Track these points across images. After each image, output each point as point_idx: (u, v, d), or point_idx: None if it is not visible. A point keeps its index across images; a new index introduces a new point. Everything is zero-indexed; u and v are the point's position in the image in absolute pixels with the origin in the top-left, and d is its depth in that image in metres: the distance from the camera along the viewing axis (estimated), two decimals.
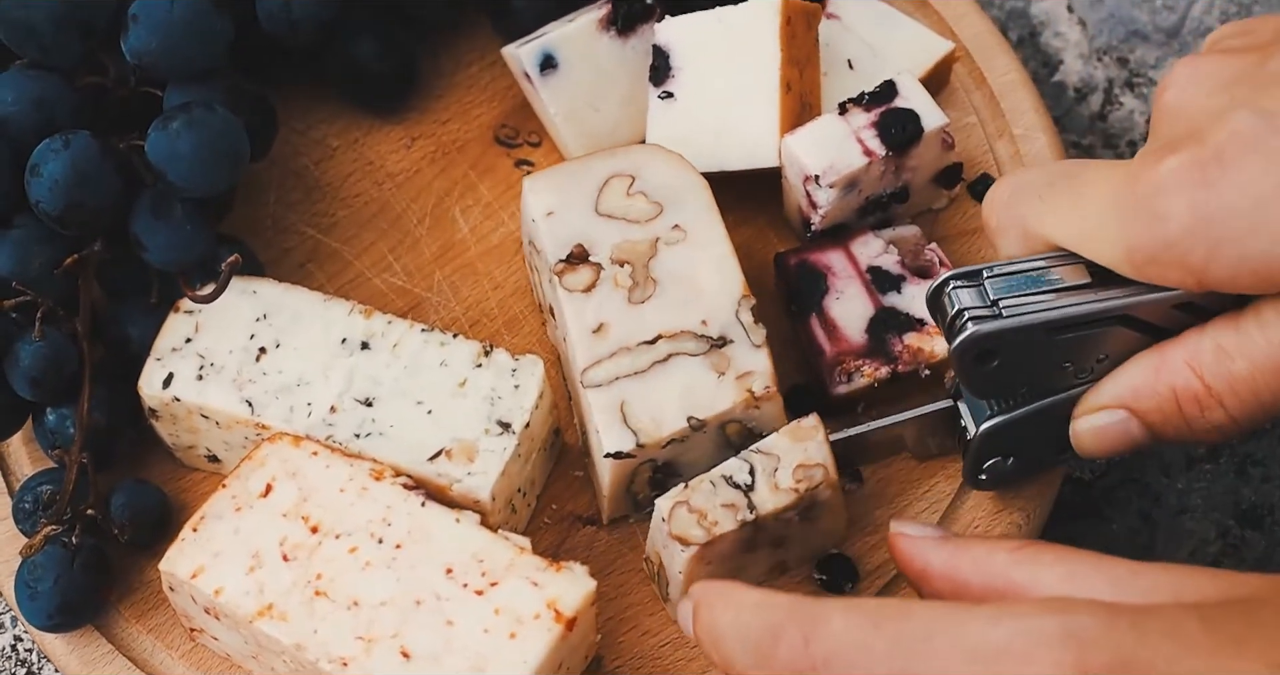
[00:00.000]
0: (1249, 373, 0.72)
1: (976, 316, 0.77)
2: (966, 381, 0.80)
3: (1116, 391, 0.77)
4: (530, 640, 0.80)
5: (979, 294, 0.77)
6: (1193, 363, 0.74)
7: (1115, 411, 0.77)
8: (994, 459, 0.84)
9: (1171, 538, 0.95)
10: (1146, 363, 0.76)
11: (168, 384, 0.89)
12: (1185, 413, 0.75)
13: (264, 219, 1.00)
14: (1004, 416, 0.82)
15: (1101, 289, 0.76)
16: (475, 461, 0.86)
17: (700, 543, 0.83)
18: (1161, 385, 0.75)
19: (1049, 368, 0.79)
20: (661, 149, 0.91)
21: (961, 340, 0.77)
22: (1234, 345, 0.73)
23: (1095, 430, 0.78)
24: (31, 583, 0.87)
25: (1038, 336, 0.77)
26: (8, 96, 0.88)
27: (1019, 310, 0.76)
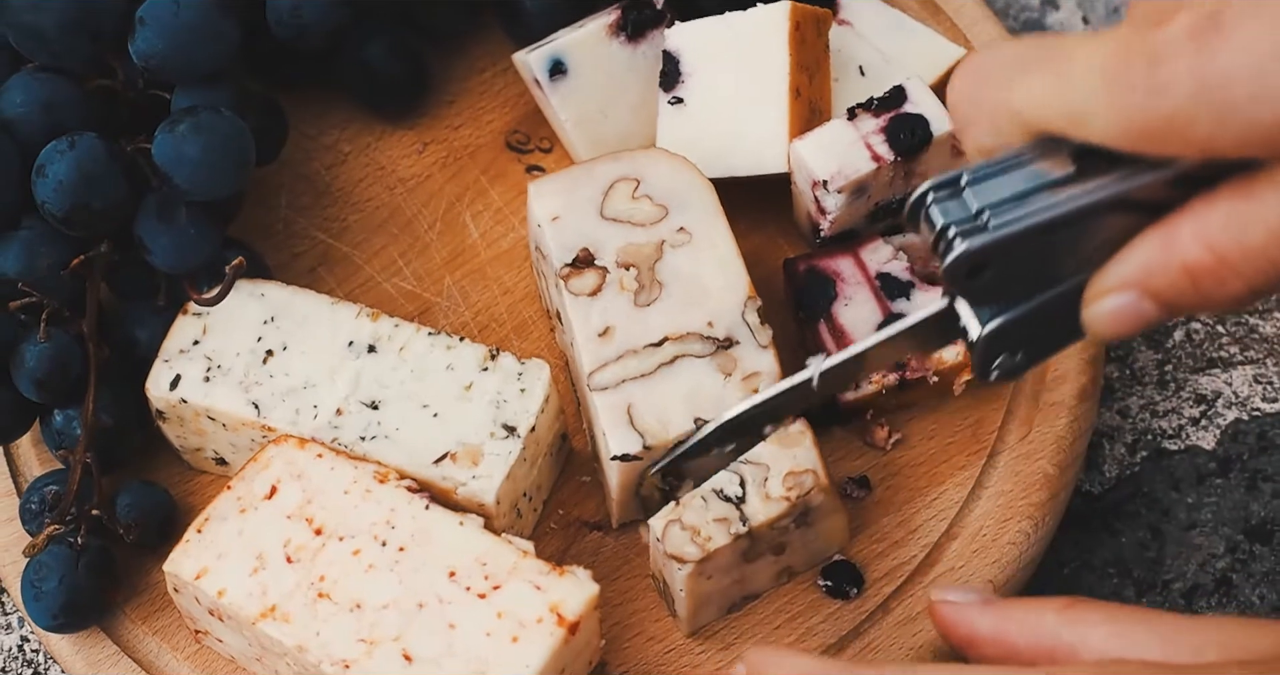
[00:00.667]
0: (1265, 240, 0.67)
1: (964, 231, 0.71)
2: (963, 294, 0.76)
3: (1125, 273, 0.72)
4: (532, 644, 0.80)
5: (961, 205, 0.72)
6: (1204, 236, 0.69)
7: (1127, 293, 0.72)
8: (1002, 355, 0.78)
9: (1180, 552, 0.94)
10: (1154, 241, 0.70)
11: (175, 386, 0.89)
12: (1200, 288, 0.70)
13: (275, 223, 1.01)
14: (1006, 316, 0.76)
15: (1091, 177, 0.71)
16: (480, 465, 0.86)
17: (695, 560, 0.82)
18: (1172, 262, 0.70)
19: (1047, 264, 0.74)
20: (666, 152, 0.91)
21: (951, 260, 0.72)
22: (1248, 213, 0.67)
23: (1108, 315, 0.73)
24: (36, 582, 0.87)
25: (1030, 241, 0.72)
26: (16, 99, 0.89)
27: (1008, 219, 0.71)
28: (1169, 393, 0.99)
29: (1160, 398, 0.99)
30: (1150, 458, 0.97)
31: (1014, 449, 0.91)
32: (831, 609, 0.88)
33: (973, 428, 0.92)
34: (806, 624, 0.88)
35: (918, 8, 1.04)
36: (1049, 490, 0.90)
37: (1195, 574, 0.93)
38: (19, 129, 0.89)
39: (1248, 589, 0.93)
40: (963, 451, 0.92)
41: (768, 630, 0.88)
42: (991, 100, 0.72)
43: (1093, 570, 0.94)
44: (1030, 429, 0.92)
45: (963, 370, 0.91)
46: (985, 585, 0.88)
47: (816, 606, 0.88)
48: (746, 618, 0.88)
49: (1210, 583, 0.93)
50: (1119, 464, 0.97)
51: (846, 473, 0.91)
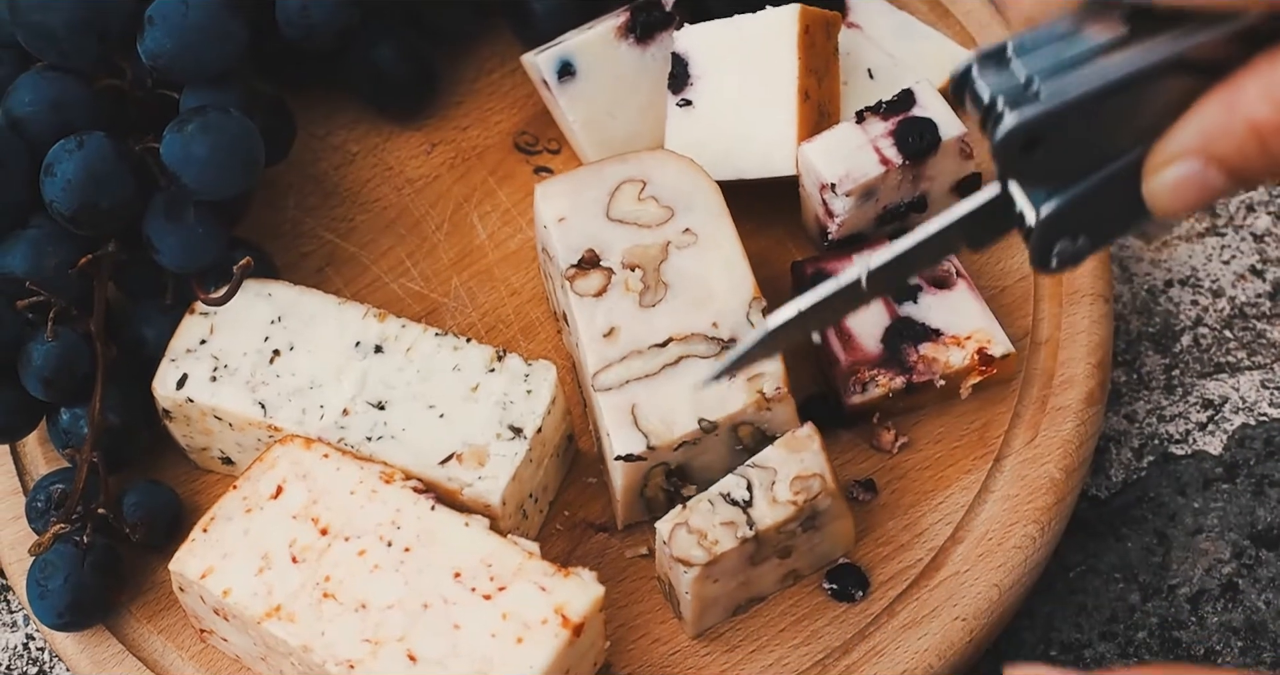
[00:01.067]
0: None
1: (1014, 102, 0.66)
2: (1015, 175, 0.71)
3: (1187, 140, 0.67)
4: (537, 645, 0.80)
5: (1009, 75, 0.67)
6: (1271, 91, 0.64)
7: (1189, 161, 0.67)
8: (1062, 241, 0.73)
9: (1187, 557, 0.94)
10: (1218, 102, 0.66)
11: (181, 385, 0.89)
12: (1269, 149, 0.65)
13: (283, 223, 1.01)
14: (1064, 196, 0.71)
15: (1145, 38, 0.66)
16: (486, 466, 0.86)
17: (702, 563, 0.82)
18: (1237, 123, 0.65)
19: (1103, 136, 0.69)
20: (672, 154, 0.91)
21: (1003, 134, 0.67)
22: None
23: (1171, 186, 0.69)
24: (42, 581, 0.87)
25: (1085, 109, 0.67)
26: (25, 98, 0.89)
27: (1060, 86, 0.66)
28: (1176, 397, 0.98)
29: (1167, 402, 0.98)
30: (1157, 462, 0.97)
31: (1020, 453, 0.91)
32: (837, 612, 0.88)
33: (979, 431, 0.92)
34: (812, 627, 0.88)
35: (927, 11, 1.04)
36: (1055, 495, 0.90)
37: (1201, 579, 0.93)
38: (28, 128, 0.89)
39: (1254, 594, 0.93)
40: (969, 455, 0.92)
41: (773, 633, 0.88)
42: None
43: (1099, 575, 0.94)
44: (1037, 433, 0.92)
45: (970, 374, 0.91)
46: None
47: (822, 609, 0.88)
48: (752, 620, 0.88)
49: (1216, 588, 0.93)
50: (1125, 469, 0.97)
51: (853, 476, 0.91)
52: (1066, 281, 0.95)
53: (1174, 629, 0.92)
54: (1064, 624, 0.92)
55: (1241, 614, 0.92)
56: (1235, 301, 1.01)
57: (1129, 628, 0.92)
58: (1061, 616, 0.93)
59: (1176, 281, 1.02)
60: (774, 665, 0.87)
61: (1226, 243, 1.03)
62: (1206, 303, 1.02)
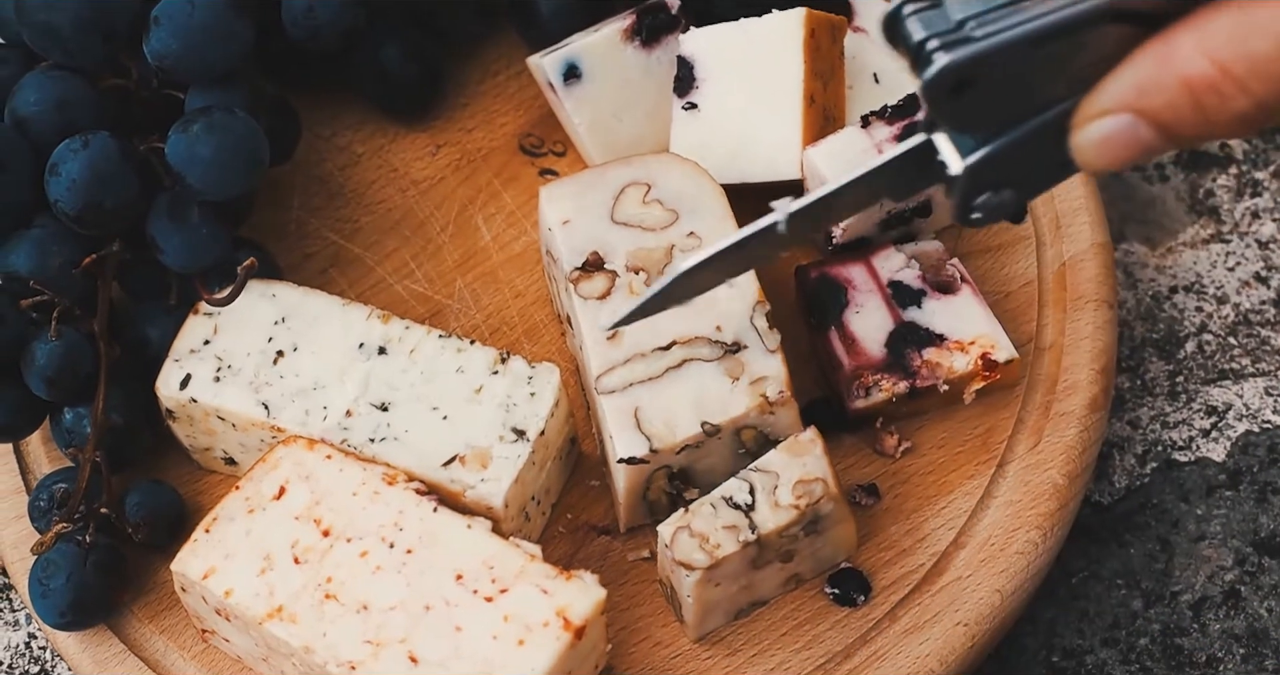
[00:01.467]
0: (1274, 49, 0.61)
1: (946, 43, 0.65)
2: (943, 117, 0.69)
3: (1119, 92, 0.65)
4: (538, 648, 0.80)
5: (942, 15, 0.65)
6: (1207, 46, 0.63)
7: (1120, 116, 0.66)
8: (985, 194, 0.71)
9: (1189, 564, 0.94)
10: (1151, 54, 0.64)
11: (185, 385, 0.89)
12: (1203, 105, 0.63)
13: (287, 224, 1.01)
14: (990, 146, 0.69)
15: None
16: (489, 468, 0.85)
17: (703, 567, 0.82)
18: (1171, 77, 0.63)
19: (1034, 84, 0.67)
20: (678, 157, 0.91)
21: (931, 74, 0.65)
22: (1256, 20, 0.62)
23: (1100, 140, 0.67)
24: (44, 580, 0.87)
25: (1017, 54, 0.65)
26: (31, 97, 0.89)
27: (992, 28, 0.65)
28: (1180, 404, 0.98)
29: (1171, 409, 0.98)
30: (1160, 469, 0.97)
31: (1023, 459, 0.91)
32: (839, 616, 0.88)
33: (983, 437, 0.92)
34: (814, 631, 0.88)
35: None
36: (1058, 500, 0.90)
37: (1204, 586, 0.93)
38: (32, 127, 0.89)
39: (1256, 601, 0.92)
40: (972, 460, 0.91)
41: (775, 637, 0.87)
42: None
43: (1101, 581, 0.94)
44: (1040, 439, 0.91)
45: (974, 379, 0.90)
46: (994, 595, 0.87)
47: (824, 614, 0.88)
48: (754, 624, 0.88)
49: (1219, 595, 0.93)
50: (1129, 475, 0.97)
51: (856, 480, 0.91)
52: (1071, 287, 0.95)
53: (1176, 636, 0.92)
54: (1066, 630, 0.92)
55: (1244, 621, 0.92)
56: (1240, 308, 1.01)
57: (1131, 634, 0.92)
58: (1064, 622, 0.93)
59: (1181, 288, 1.02)
60: (775, 669, 0.87)
61: (1231, 249, 1.03)
62: (1211, 309, 1.01)
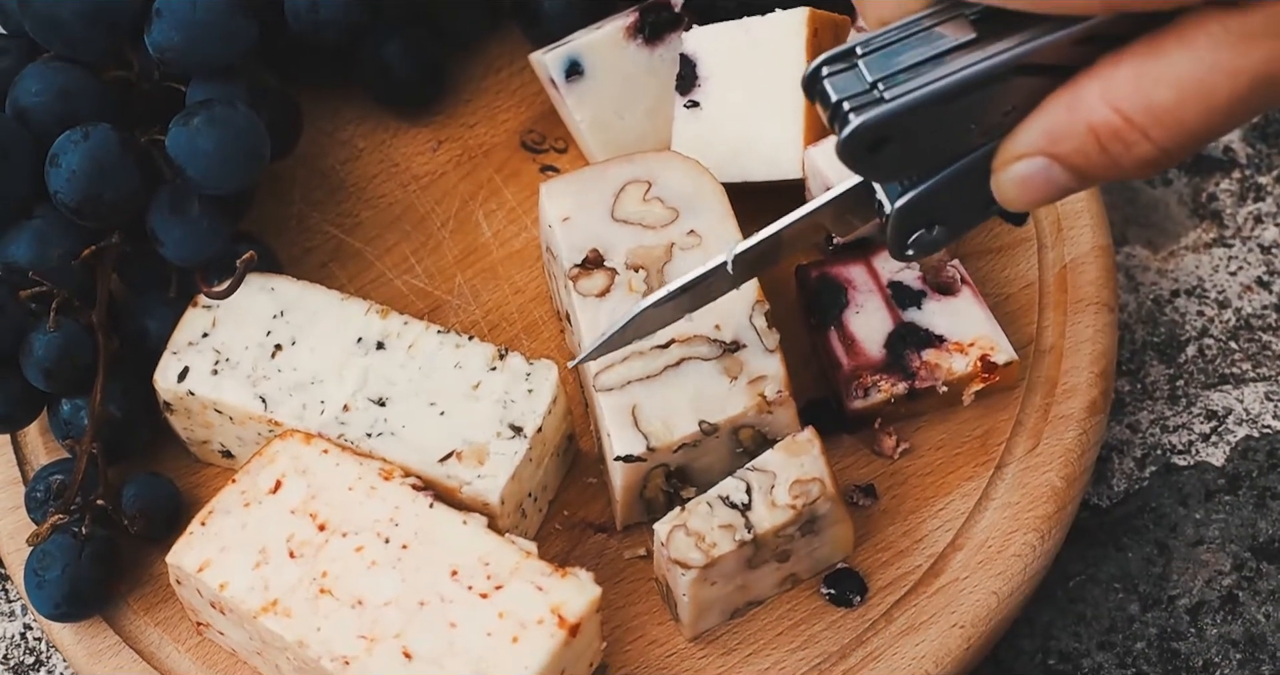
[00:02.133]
0: (1175, 101, 0.65)
1: (858, 105, 0.67)
2: (864, 172, 0.72)
3: (1032, 138, 0.69)
4: (533, 645, 0.80)
5: (856, 77, 0.68)
6: (1110, 96, 0.66)
7: (1034, 159, 0.69)
8: (918, 232, 0.75)
9: (1187, 568, 0.94)
10: (1061, 103, 0.67)
11: (183, 378, 0.89)
12: (1109, 151, 0.67)
13: (288, 218, 1.01)
14: (916, 190, 0.72)
15: (991, 40, 0.67)
16: (486, 464, 0.85)
17: (699, 566, 0.82)
18: (1078, 125, 0.67)
19: (951, 134, 0.70)
20: (679, 155, 0.91)
21: (847, 135, 0.67)
22: (1156, 71, 0.65)
23: (1018, 182, 0.70)
24: (40, 571, 0.87)
25: (929, 111, 0.68)
26: (32, 88, 0.89)
27: (904, 89, 0.67)
28: (1180, 408, 0.98)
29: (1171, 413, 0.98)
30: (1159, 473, 0.96)
31: (1022, 461, 0.91)
32: (835, 617, 0.88)
33: (981, 439, 0.92)
34: (809, 631, 0.87)
35: None
36: (1056, 503, 0.90)
37: (1201, 590, 0.93)
38: (33, 118, 0.89)
39: (1254, 607, 0.92)
40: (970, 462, 0.91)
41: (770, 636, 0.87)
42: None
43: (1098, 584, 0.93)
44: (1039, 441, 0.91)
45: (973, 380, 0.90)
46: (990, 597, 0.87)
47: (819, 614, 0.88)
48: (749, 623, 0.88)
49: (1216, 600, 0.93)
50: (1128, 478, 0.96)
51: (853, 481, 0.91)
52: (1071, 290, 0.95)
53: (1173, 640, 0.92)
54: (1062, 633, 0.92)
55: (1241, 626, 0.92)
56: (1241, 313, 1.01)
57: (1128, 638, 0.92)
58: (1060, 625, 0.92)
59: (1183, 291, 1.02)
60: (770, 669, 0.87)
61: (1234, 254, 1.03)
62: (1212, 313, 1.01)
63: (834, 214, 0.78)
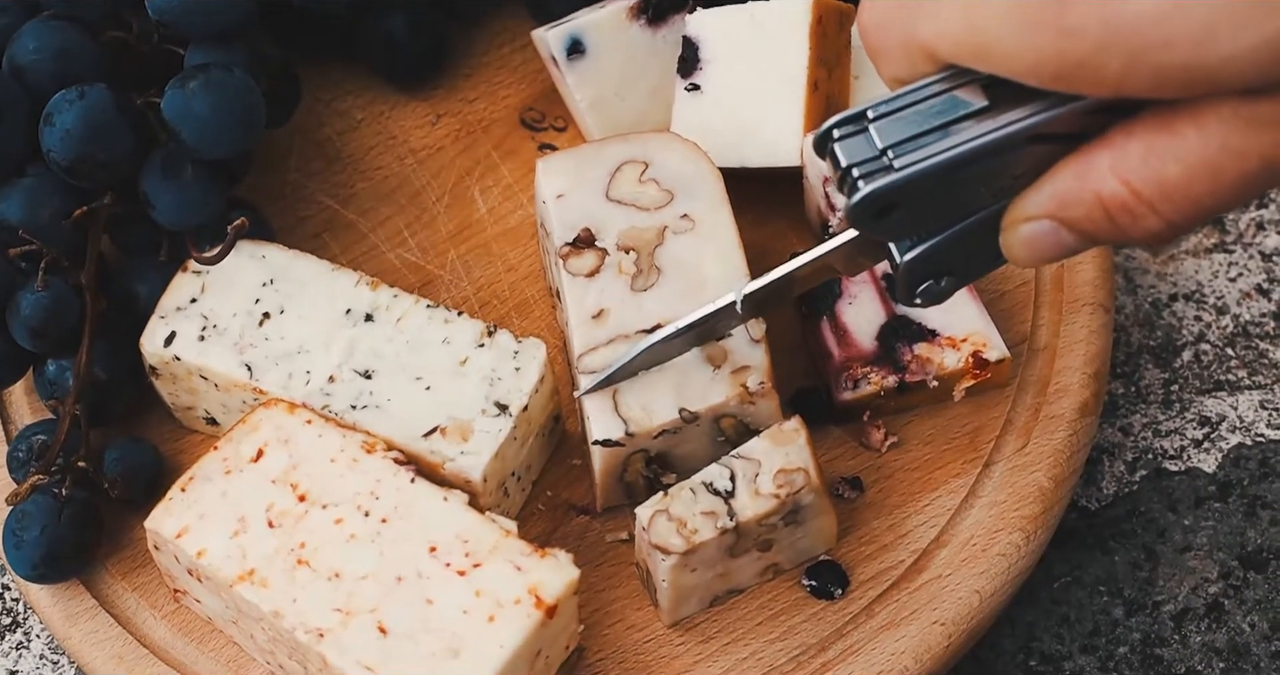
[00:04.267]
0: (1184, 178, 0.65)
1: (867, 173, 0.67)
2: (871, 234, 0.73)
3: (1041, 203, 0.69)
4: (509, 625, 0.79)
5: (866, 142, 0.68)
6: (1120, 169, 0.66)
7: (1042, 222, 0.70)
8: (926, 283, 0.75)
9: (1173, 574, 0.93)
10: (1071, 171, 0.68)
11: (169, 342, 0.88)
12: (1116, 222, 0.68)
13: (283, 186, 1.00)
14: (925, 245, 0.73)
15: (1003, 109, 0.67)
16: (469, 441, 0.85)
17: (680, 551, 0.82)
18: (1087, 194, 0.67)
19: (960, 199, 0.71)
20: (677, 137, 0.90)
21: (853, 202, 0.68)
22: (1166, 148, 0.65)
23: (1025, 242, 0.71)
24: (18, 531, 0.86)
25: (938, 179, 0.68)
26: (29, 45, 0.88)
27: (914, 158, 0.67)
28: (1173, 413, 0.98)
29: (1164, 417, 0.97)
30: (1150, 477, 0.96)
31: (1010, 459, 0.90)
32: (815, 609, 0.87)
33: (970, 435, 0.91)
34: (789, 623, 0.87)
35: None
36: (1043, 504, 0.89)
37: (1187, 597, 0.92)
38: (30, 76, 0.88)
39: (1239, 616, 0.92)
40: (958, 459, 0.91)
41: (749, 626, 0.87)
42: (901, 31, 0.68)
43: (1083, 586, 0.93)
44: (1028, 440, 0.91)
45: (964, 377, 0.90)
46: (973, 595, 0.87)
47: (800, 605, 0.87)
48: (729, 612, 0.87)
49: (1201, 607, 0.92)
50: (1118, 481, 0.96)
51: (840, 472, 0.90)
52: (1068, 290, 0.94)
53: (1156, 646, 0.91)
54: (1045, 634, 0.92)
55: (1225, 635, 0.91)
56: (1239, 319, 1.00)
57: (1110, 642, 0.91)
58: (1043, 626, 0.92)
59: (1181, 296, 1.01)
60: (748, 659, 0.86)
61: (1234, 260, 1.02)
62: (1210, 319, 1.01)
63: (845, 257, 0.78)
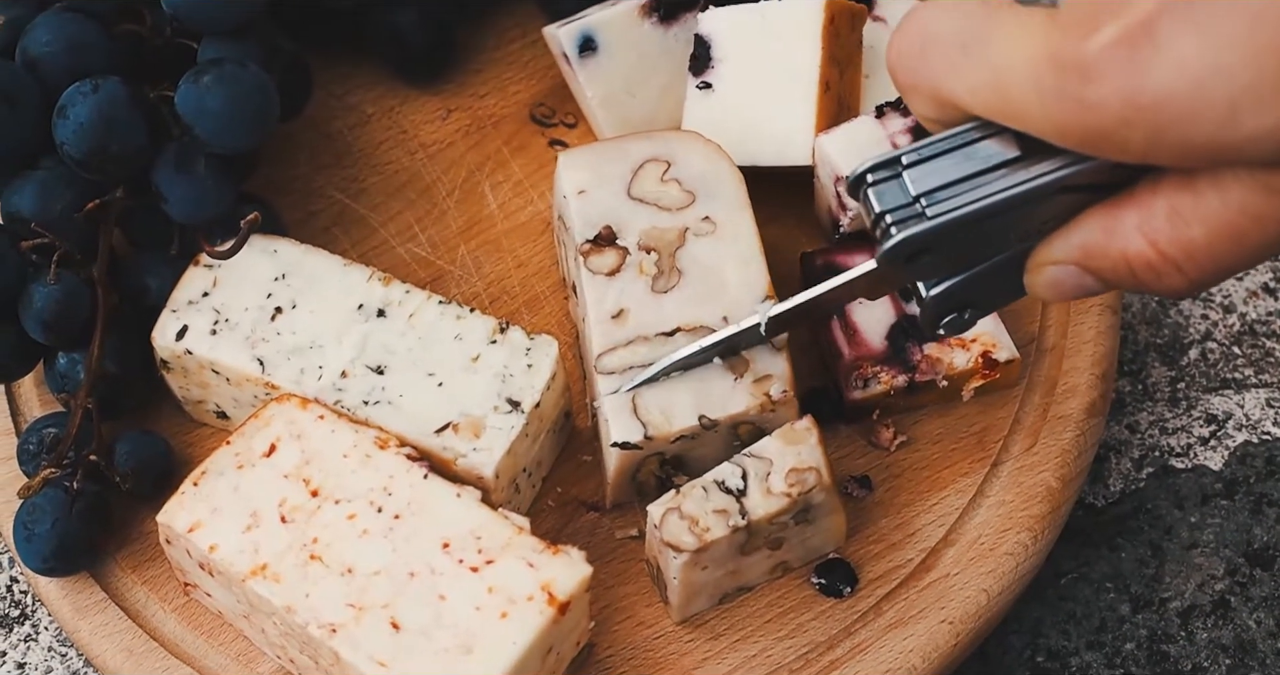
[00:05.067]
0: (1207, 239, 0.66)
1: (900, 220, 0.70)
2: (902, 277, 0.75)
3: (1067, 250, 0.71)
4: (521, 621, 0.80)
5: (900, 189, 0.70)
6: (1146, 229, 0.68)
7: (1068, 267, 0.72)
8: (950, 316, 0.77)
9: (1180, 571, 0.93)
10: (1098, 223, 0.70)
11: (181, 336, 0.88)
12: (1139, 277, 0.69)
13: (293, 180, 1.00)
14: (951, 281, 0.75)
15: (1035, 160, 0.69)
16: (481, 437, 0.85)
17: (691, 549, 0.82)
18: (1114, 250, 0.69)
19: (989, 243, 0.72)
20: (701, 137, 0.90)
21: (887, 248, 0.70)
22: (1190, 210, 0.66)
23: (1050, 283, 0.73)
24: (29, 524, 0.86)
25: (968, 226, 0.70)
26: (43, 37, 0.88)
27: (946, 206, 0.69)
28: (1180, 411, 0.98)
29: (1171, 415, 0.98)
30: (1156, 474, 0.96)
31: (1018, 459, 0.91)
32: (824, 607, 0.88)
33: (979, 435, 0.91)
34: (797, 620, 0.87)
35: None
36: (1050, 503, 0.89)
37: (1193, 594, 0.93)
38: (43, 69, 0.88)
39: (1245, 613, 0.92)
40: (967, 458, 0.91)
41: (759, 623, 0.87)
42: (930, 82, 0.69)
43: (1090, 583, 0.93)
44: (1036, 440, 0.91)
45: (973, 377, 0.90)
46: (981, 594, 0.87)
47: (809, 603, 0.88)
48: (738, 609, 0.88)
49: (1208, 604, 0.92)
50: (1124, 479, 0.96)
51: (849, 471, 0.91)
52: None
53: (1162, 642, 0.92)
54: (1051, 631, 0.92)
55: (1231, 632, 0.92)
56: (1246, 318, 1.01)
57: (1117, 638, 0.92)
58: (1050, 623, 0.92)
59: None
60: (757, 656, 0.86)
61: None
62: (1217, 317, 1.01)
63: (868, 284, 0.79)
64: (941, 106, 0.69)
